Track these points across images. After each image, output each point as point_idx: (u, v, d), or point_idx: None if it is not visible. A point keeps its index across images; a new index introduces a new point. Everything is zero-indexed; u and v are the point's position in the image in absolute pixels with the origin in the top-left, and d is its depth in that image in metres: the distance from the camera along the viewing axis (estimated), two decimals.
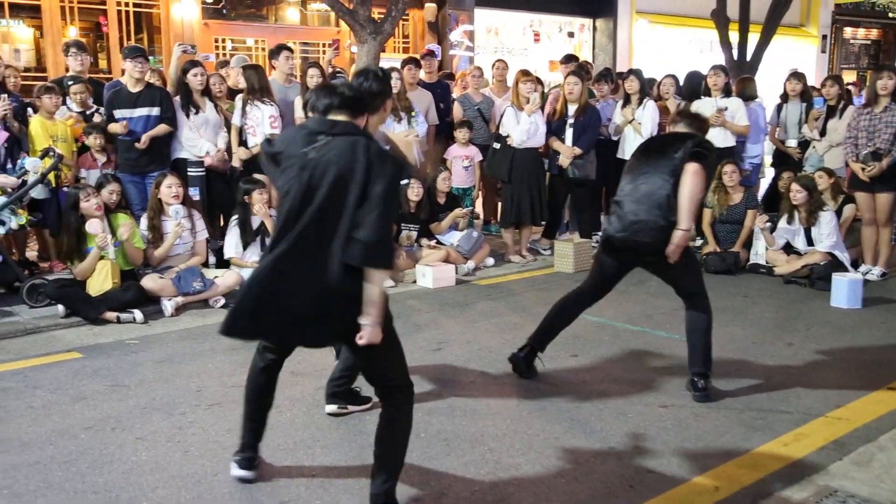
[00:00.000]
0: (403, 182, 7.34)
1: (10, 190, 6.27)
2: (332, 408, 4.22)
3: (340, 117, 3.19)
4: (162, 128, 7.05)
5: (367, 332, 2.98)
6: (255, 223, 6.81)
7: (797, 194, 7.26)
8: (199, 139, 7.21)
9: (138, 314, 5.97)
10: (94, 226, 6.05)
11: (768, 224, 7.54)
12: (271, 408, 3.55)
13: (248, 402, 3.51)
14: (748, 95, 8.82)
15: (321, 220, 2.99)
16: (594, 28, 16.20)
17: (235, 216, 6.82)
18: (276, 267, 3.03)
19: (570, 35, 16.03)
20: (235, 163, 7.35)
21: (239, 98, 7.45)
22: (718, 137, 8.16)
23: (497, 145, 8.08)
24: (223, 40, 12.36)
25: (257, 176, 6.94)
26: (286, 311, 3.03)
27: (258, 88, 7.28)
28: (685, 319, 4.63)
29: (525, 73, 8.09)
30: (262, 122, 7.23)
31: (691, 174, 4.25)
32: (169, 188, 6.50)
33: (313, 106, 3.27)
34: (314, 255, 2.98)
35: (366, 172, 2.96)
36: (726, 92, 8.34)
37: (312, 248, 2.99)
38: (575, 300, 4.85)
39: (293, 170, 3.09)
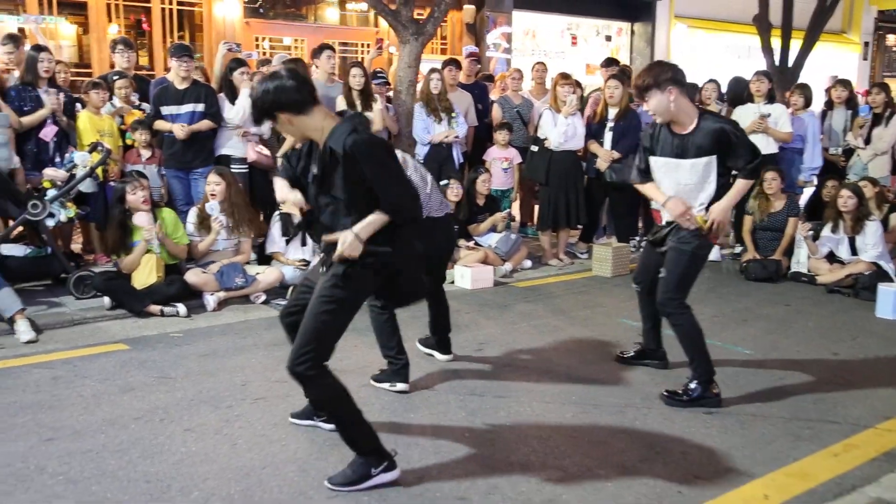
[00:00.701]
0: (443, 182, 7.40)
1: (59, 183, 6.38)
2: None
3: None
4: (204, 123, 7.12)
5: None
6: (297, 219, 6.87)
7: (848, 201, 7.17)
8: (235, 109, 7.25)
9: (181, 308, 6.05)
10: (141, 219, 6.14)
11: (811, 232, 7.46)
12: None
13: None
14: (808, 102, 8.76)
15: None
16: (632, 32, 16.14)
17: (278, 212, 6.88)
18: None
19: (608, 39, 15.98)
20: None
21: None
22: (760, 144, 8.04)
23: (535, 148, 8.08)
24: (263, 39, 12.47)
25: None
26: None
27: None
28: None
29: (564, 77, 8.08)
30: None
31: None
32: (208, 185, 6.61)
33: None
34: None
35: None
36: (770, 98, 8.27)
37: None
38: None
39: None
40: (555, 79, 8.14)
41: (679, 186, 4.50)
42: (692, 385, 4.47)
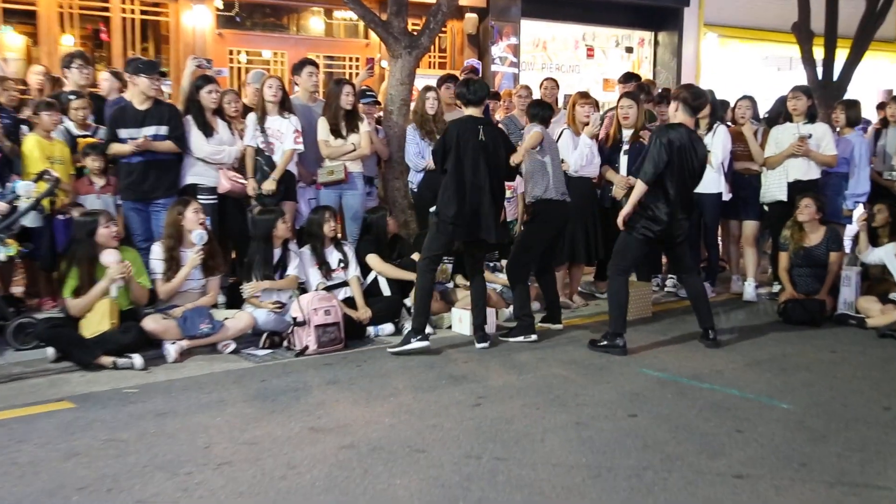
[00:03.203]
0: (432, 209, 7.48)
1: None
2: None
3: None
4: (166, 144, 7.18)
5: None
6: (276, 257, 6.93)
7: None
8: (223, 148, 7.40)
9: (137, 359, 6.05)
10: (108, 257, 6.17)
11: (865, 223, 7.68)
12: None
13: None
14: (855, 120, 8.80)
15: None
16: (655, 42, 16.26)
17: (257, 255, 6.92)
18: None
19: (629, 50, 16.10)
20: (251, 191, 7.47)
21: (251, 116, 7.60)
22: (801, 168, 8.18)
23: None
24: (238, 52, 12.58)
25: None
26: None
27: (285, 102, 7.47)
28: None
29: (583, 96, 8.18)
30: (285, 135, 7.41)
31: None
32: (195, 213, 6.68)
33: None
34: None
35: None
36: (810, 117, 8.30)
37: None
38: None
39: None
40: (573, 98, 8.23)
41: None
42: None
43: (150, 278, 6.64)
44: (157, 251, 6.72)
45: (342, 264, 7.28)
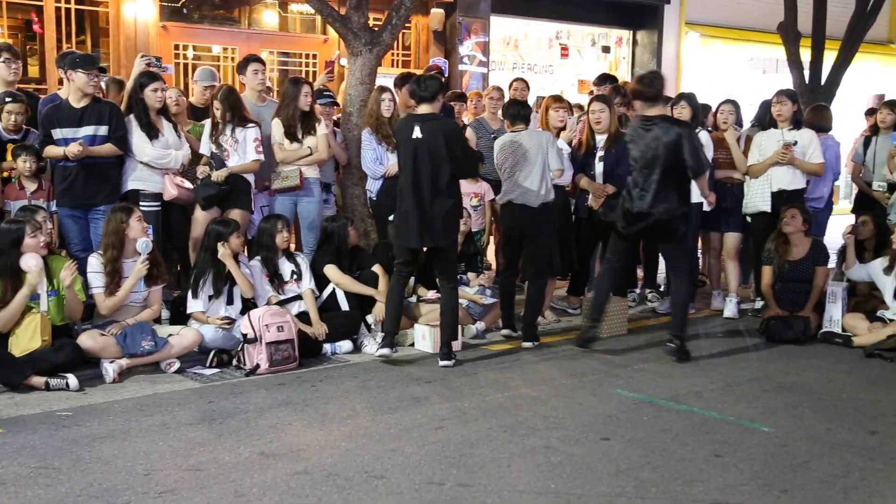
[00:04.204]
0: (391, 217, 7.56)
1: None
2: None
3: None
4: (108, 147, 7.17)
5: None
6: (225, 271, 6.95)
7: None
8: (169, 152, 7.42)
9: (72, 379, 6.02)
10: (28, 260, 6.13)
11: (852, 237, 7.83)
12: None
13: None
14: (819, 127, 8.95)
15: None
16: (634, 42, 16.45)
17: (207, 267, 6.94)
18: None
19: (605, 50, 16.26)
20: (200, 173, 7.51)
21: (207, 124, 7.63)
22: (786, 178, 8.27)
23: None
24: (184, 47, 12.54)
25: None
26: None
27: (236, 116, 7.53)
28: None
29: (557, 100, 8.27)
30: (243, 144, 7.47)
31: None
32: (139, 221, 6.68)
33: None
34: None
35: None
36: (795, 122, 8.43)
37: None
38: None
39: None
40: (545, 102, 8.32)
41: None
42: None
43: (87, 292, 6.61)
44: (95, 263, 6.69)
45: (295, 276, 7.31)
